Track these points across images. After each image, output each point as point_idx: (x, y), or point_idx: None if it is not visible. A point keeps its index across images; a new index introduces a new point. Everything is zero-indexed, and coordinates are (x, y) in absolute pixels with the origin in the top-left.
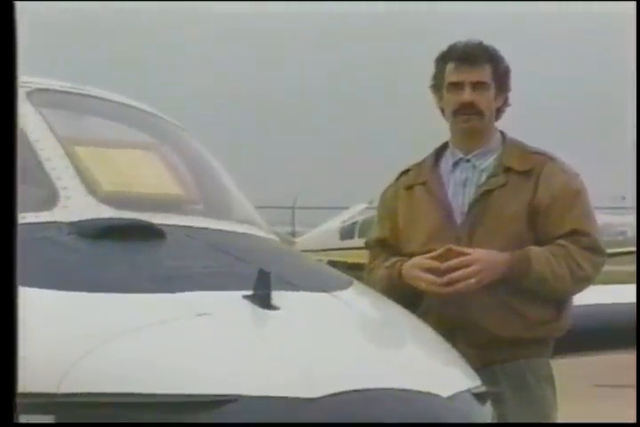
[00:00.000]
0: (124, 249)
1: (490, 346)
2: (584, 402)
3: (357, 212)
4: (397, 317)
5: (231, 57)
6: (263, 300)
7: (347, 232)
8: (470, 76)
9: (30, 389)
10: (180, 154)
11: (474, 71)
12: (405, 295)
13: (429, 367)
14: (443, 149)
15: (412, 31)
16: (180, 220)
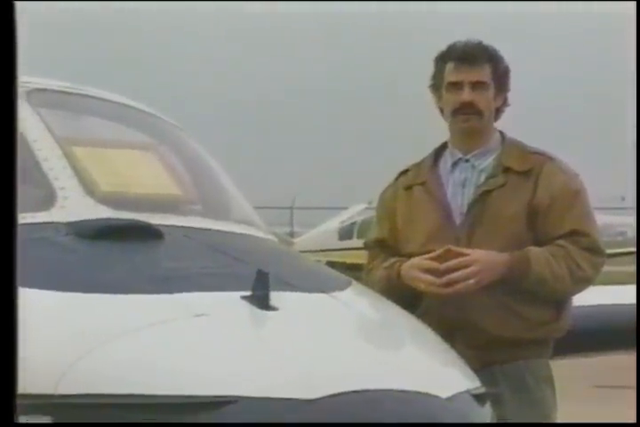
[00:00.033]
0: (121, 250)
1: (489, 347)
2: (584, 403)
3: (356, 212)
4: (396, 317)
5: (231, 57)
6: (261, 300)
7: (345, 233)
8: (469, 76)
9: (29, 390)
10: (179, 154)
11: (473, 71)
12: (404, 296)
13: (428, 368)
14: (442, 150)
15: (412, 31)
16: (179, 220)
